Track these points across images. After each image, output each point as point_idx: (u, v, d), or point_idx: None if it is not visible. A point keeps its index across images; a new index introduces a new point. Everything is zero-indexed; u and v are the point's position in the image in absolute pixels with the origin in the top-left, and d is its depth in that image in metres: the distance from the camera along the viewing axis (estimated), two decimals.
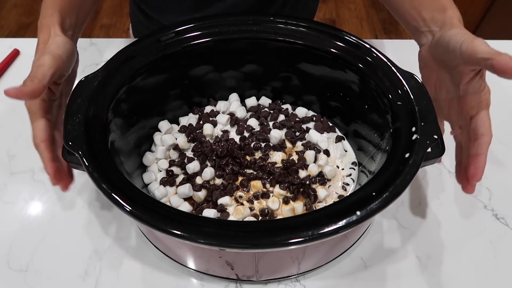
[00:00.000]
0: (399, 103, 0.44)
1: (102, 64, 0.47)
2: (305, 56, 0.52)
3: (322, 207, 0.39)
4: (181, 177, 0.51)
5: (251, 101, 0.59)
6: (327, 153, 0.54)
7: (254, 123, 0.56)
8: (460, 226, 0.52)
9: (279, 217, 0.48)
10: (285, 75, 0.56)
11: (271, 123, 0.56)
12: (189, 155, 0.53)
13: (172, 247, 0.46)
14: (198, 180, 0.50)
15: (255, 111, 0.58)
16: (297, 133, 0.55)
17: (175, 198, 0.49)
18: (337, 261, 0.49)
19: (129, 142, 0.50)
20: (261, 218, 0.48)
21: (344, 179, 0.52)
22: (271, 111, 0.58)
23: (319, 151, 0.53)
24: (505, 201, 0.55)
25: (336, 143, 0.56)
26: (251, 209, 0.48)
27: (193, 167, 0.50)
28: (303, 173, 0.51)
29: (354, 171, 0.53)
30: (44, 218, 0.53)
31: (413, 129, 0.41)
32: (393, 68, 0.46)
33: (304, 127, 0.56)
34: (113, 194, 0.36)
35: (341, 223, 0.34)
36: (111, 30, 1.92)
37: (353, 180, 0.52)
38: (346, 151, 0.55)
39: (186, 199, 0.50)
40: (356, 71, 0.49)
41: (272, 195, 0.50)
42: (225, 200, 0.48)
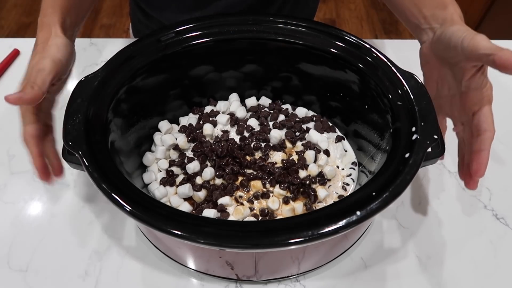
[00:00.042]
0: (399, 103, 0.44)
1: (102, 64, 0.47)
2: (305, 56, 0.52)
3: (322, 207, 0.39)
4: (181, 177, 0.51)
5: (251, 101, 0.59)
6: (327, 153, 0.54)
7: (254, 123, 0.56)
8: (460, 226, 0.52)
9: (279, 217, 0.48)
10: (285, 75, 0.56)
11: (271, 123, 0.56)
12: (189, 155, 0.53)
13: (172, 247, 0.46)
14: (198, 180, 0.50)
15: (255, 111, 0.58)
16: (297, 133, 0.55)
17: (175, 198, 0.49)
18: (337, 261, 0.49)
19: (129, 142, 0.50)
20: (261, 218, 0.48)
21: (344, 179, 0.52)
22: (271, 111, 0.58)
23: (319, 151, 0.53)
24: (505, 201, 0.55)
25: (336, 143, 0.56)
26: (251, 209, 0.48)
27: (193, 167, 0.50)
28: (303, 173, 0.51)
29: (354, 171, 0.53)
30: (44, 218, 0.53)
31: (413, 129, 0.41)
32: (393, 68, 0.46)
33: (304, 127, 0.56)
34: (113, 194, 0.36)
35: (341, 223, 0.34)
36: (111, 30, 1.92)
37: (353, 180, 0.52)
38: (346, 151, 0.55)
39: (186, 199, 0.50)
40: (356, 71, 0.49)
41: (272, 195, 0.50)
42: (225, 200, 0.48)
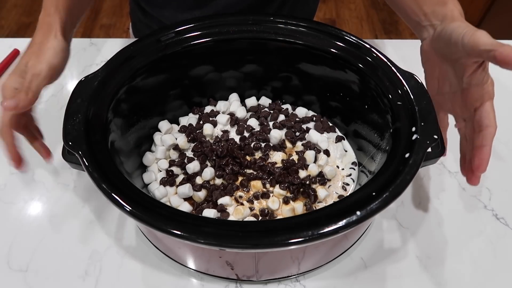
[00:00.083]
0: (399, 103, 0.44)
1: (102, 64, 0.47)
2: (305, 56, 0.52)
3: (322, 207, 0.39)
4: (181, 177, 0.51)
5: (251, 101, 0.59)
6: (327, 153, 0.54)
7: (254, 123, 0.56)
8: (460, 226, 0.52)
9: (279, 217, 0.48)
10: (285, 75, 0.56)
11: (271, 123, 0.56)
12: (189, 155, 0.53)
13: (172, 247, 0.46)
14: (198, 180, 0.50)
15: (255, 111, 0.58)
16: (297, 133, 0.55)
17: (175, 198, 0.49)
18: (337, 261, 0.49)
19: (129, 142, 0.50)
20: (261, 218, 0.48)
21: (344, 179, 0.52)
22: (271, 111, 0.58)
23: (319, 151, 0.53)
24: (505, 201, 0.55)
25: (336, 143, 0.56)
26: (251, 209, 0.48)
27: (193, 167, 0.50)
28: (303, 173, 0.51)
29: (354, 171, 0.53)
30: (44, 218, 0.53)
31: (413, 129, 0.41)
32: (393, 68, 0.46)
33: (304, 127, 0.56)
34: (113, 194, 0.36)
35: (341, 223, 0.34)
36: (111, 30, 1.92)
37: (353, 180, 0.52)
38: (346, 151, 0.55)
39: (186, 199, 0.50)
40: (356, 71, 0.49)
41: (272, 195, 0.50)
42: (225, 200, 0.48)
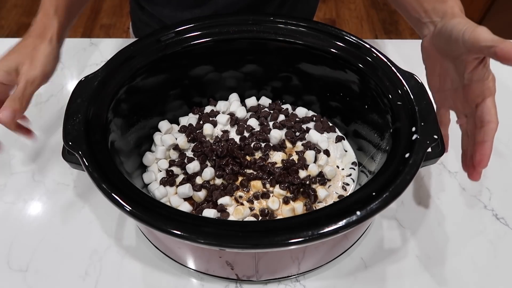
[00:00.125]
0: (399, 103, 0.44)
1: (102, 64, 0.47)
2: (305, 56, 0.52)
3: (322, 207, 0.39)
4: (181, 177, 0.51)
5: (251, 101, 0.59)
6: (327, 153, 0.54)
7: (254, 123, 0.56)
8: (460, 226, 0.52)
9: (279, 217, 0.48)
10: (285, 75, 0.56)
11: (271, 123, 0.56)
12: (189, 155, 0.53)
13: (172, 247, 0.46)
14: (198, 180, 0.50)
15: (255, 111, 0.58)
16: (297, 133, 0.55)
17: (175, 198, 0.49)
18: (337, 261, 0.49)
19: (129, 142, 0.50)
20: (261, 218, 0.48)
21: (344, 179, 0.52)
22: (271, 111, 0.58)
23: (319, 151, 0.53)
24: (505, 201, 0.55)
25: (336, 143, 0.56)
26: (251, 209, 0.48)
27: (193, 167, 0.50)
28: (303, 173, 0.51)
29: (354, 171, 0.53)
30: (44, 218, 0.53)
31: (413, 129, 0.41)
32: (393, 68, 0.46)
33: (304, 127, 0.56)
34: (113, 194, 0.36)
35: (341, 223, 0.34)
36: (111, 30, 1.92)
37: (353, 180, 0.52)
38: (346, 151, 0.55)
39: (186, 199, 0.50)
40: (356, 71, 0.49)
41: (272, 195, 0.50)
42: (225, 200, 0.48)
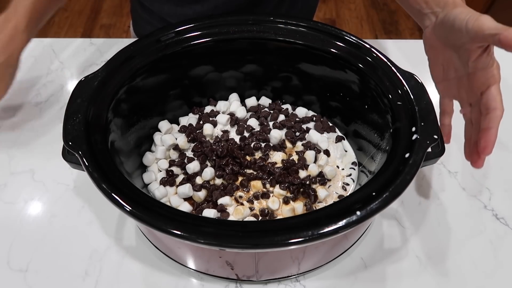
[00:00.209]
0: (399, 103, 0.44)
1: (102, 64, 0.47)
2: (305, 56, 0.52)
3: (322, 207, 0.39)
4: (181, 177, 0.51)
5: (251, 101, 0.59)
6: (327, 153, 0.54)
7: (254, 123, 0.56)
8: (460, 226, 0.52)
9: (279, 217, 0.48)
10: (285, 75, 0.56)
11: (271, 123, 0.56)
12: (189, 155, 0.53)
13: (172, 247, 0.46)
14: (198, 180, 0.50)
15: (255, 111, 0.58)
16: (297, 133, 0.55)
17: (175, 198, 0.49)
18: (337, 261, 0.49)
19: (129, 142, 0.50)
20: (261, 218, 0.48)
21: (344, 179, 0.52)
22: (271, 111, 0.58)
23: (319, 151, 0.53)
24: (505, 201, 0.55)
25: (336, 143, 0.56)
26: (251, 209, 0.48)
27: (193, 167, 0.50)
28: (303, 173, 0.51)
29: (354, 171, 0.53)
30: (44, 218, 0.52)
31: (413, 129, 0.41)
32: (393, 68, 0.46)
33: (304, 127, 0.56)
34: (113, 194, 0.36)
35: (341, 223, 0.34)
36: (111, 30, 1.92)
37: (353, 180, 0.52)
38: (346, 151, 0.55)
39: (186, 199, 0.50)
40: (356, 71, 0.49)
41: (272, 195, 0.50)
42: (225, 200, 0.48)
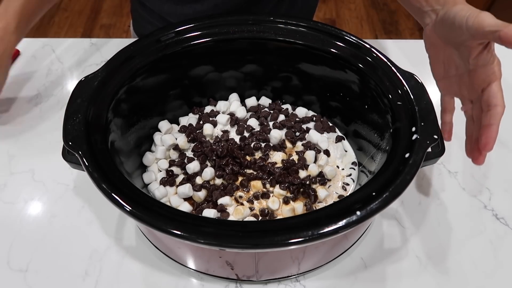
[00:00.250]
0: (399, 103, 0.44)
1: (102, 64, 0.47)
2: (305, 56, 0.52)
3: (322, 207, 0.39)
4: (181, 177, 0.51)
5: (251, 101, 0.59)
6: (327, 153, 0.54)
7: (254, 123, 0.56)
8: (460, 226, 0.52)
9: (279, 217, 0.48)
10: (285, 75, 0.56)
11: (271, 123, 0.56)
12: (189, 155, 0.53)
13: (172, 247, 0.46)
14: (198, 180, 0.50)
15: (255, 111, 0.58)
16: (297, 133, 0.55)
17: (175, 198, 0.49)
18: (337, 261, 0.49)
19: (129, 142, 0.50)
20: (261, 218, 0.48)
21: (344, 179, 0.52)
22: (271, 111, 0.58)
23: (319, 151, 0.53)
24: (505, 201, 0.55)
25: (336, 143, 0.56)
26: (251, 209, 0.48)
27: (193, 167, 0.50)
28: (303, 173, 0.51)
29: (354, 171, 0.53)
30: (44, 218, 0.52)
31: (413, 129, 0.41)
32: (393, 68, 0.46)
33: (304, 127, 0.56)
34: (113, 194, 0.36)
35: (341, 223, 0.34)
36: (111, 30, 1.92)
37: (353, 180, 0.52)
38: (346, 151, 0.55)
39: (186, 199, 0.50)
40: (356, 71, 0.49)
41: (272, 195, 0.50)
42: (225, 200, 0.48)
